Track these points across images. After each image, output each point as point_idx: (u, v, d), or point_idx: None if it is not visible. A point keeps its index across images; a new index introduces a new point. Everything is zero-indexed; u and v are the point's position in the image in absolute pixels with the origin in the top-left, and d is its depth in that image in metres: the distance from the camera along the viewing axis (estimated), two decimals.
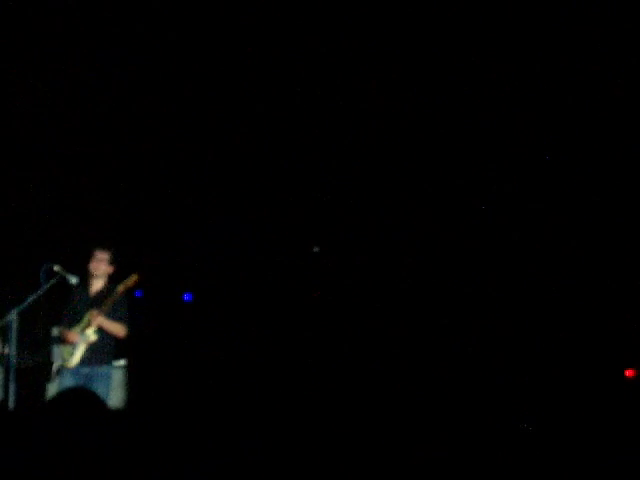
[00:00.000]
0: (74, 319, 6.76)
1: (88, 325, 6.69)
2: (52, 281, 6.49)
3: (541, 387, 7.33)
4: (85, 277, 6.85)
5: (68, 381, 6.54)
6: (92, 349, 6.71)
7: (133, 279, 6.86)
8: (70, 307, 6.86)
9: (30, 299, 6.20)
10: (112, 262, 6.90)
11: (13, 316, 5.94)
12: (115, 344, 6.84)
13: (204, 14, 7.19)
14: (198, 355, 8.26)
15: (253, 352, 8.22)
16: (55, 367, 6.80)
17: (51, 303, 7.04)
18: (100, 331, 6.71)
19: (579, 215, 7.99)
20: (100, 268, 6.85)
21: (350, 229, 8.68)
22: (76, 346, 6.67)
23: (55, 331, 6.94)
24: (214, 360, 8.19)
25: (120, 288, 6.79)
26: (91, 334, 6.71)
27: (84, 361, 6.66)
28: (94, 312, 6.66)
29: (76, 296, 6.87)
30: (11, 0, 6.87)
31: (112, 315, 6.76)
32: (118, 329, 6.75)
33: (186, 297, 8.38)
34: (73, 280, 6.65)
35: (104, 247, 6.89)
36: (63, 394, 3.16)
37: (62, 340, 6.76)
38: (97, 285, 6.92)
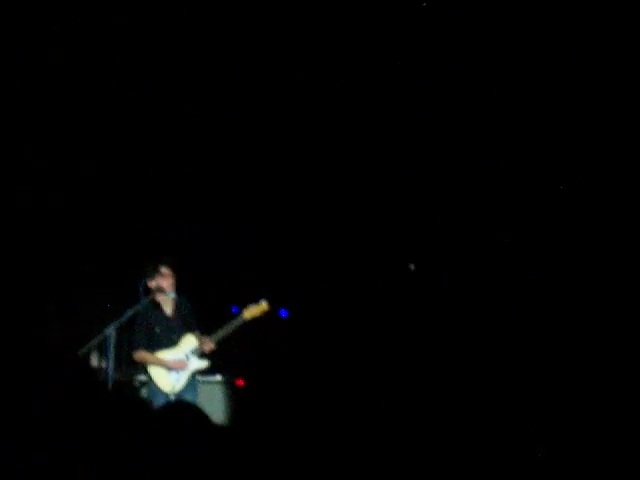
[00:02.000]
0: (161, 343, 6.60)
1: (196, 350, 6.55)
2: (150, 296, 6.50)
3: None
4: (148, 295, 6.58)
5: (162, 401, 6.29)
6: (194, 372, 6.65)
7: (262, 308, 6.61)
8: (145, 330, 6.60)
9: (128, 314, 6.21)
10: (176, 275, 6.65)
11: (111, 331, 5.95)
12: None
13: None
14: (297, 370, 8.21)
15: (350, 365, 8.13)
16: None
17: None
18: (205, 355, 6.61)
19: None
20: (171, 284, 6.60)
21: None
22: (181, 372, 6.55)
23: (141, 355, 6.68)
24: (313, 374, 8.12)
25: (246, 315, 6.57)
26: (202, 360, 6.61)
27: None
28: (207, 340, 6.52)
29: (148, 317, 6.61)
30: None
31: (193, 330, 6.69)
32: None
33: (282, 313, 8.30)
34: (172, 295, 6.63)
35: (166, 262, 6.64)
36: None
37: (157, 364, 6.55)
38: (169, 302, 6.73)
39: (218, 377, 7.36)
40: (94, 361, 7.87)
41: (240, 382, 7.47)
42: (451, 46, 7.31)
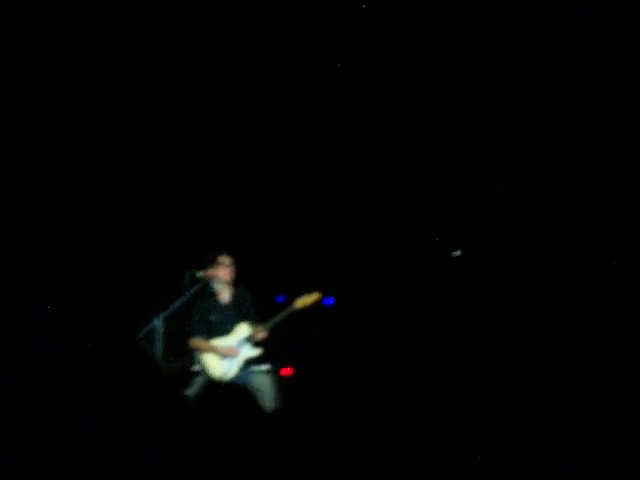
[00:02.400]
0: (215, 330, 6.66)
1: (250, 338, 6.62)
2: (196, 287, 6.56)
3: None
4: (206, 284, 6.71)
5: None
6: (247, 360, 6.69)
7: (314, 298, 6.65)
8: (201, 317, 6.68)
9: (175, 305, 6.27)
10: (235, 265, 6.73)
11: (159, 322, 6.03)
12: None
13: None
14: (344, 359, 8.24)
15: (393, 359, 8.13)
16: (201, 379, 6.72)
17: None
18: (258, 344, 6.66)
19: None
20: (229, 274, 6.69)
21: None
22: (233, 360, 6.61)
23: (195, 342, 6.75)
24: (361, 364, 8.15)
25: (298, 304, 6.62)
26: (255, 348, 6.67)
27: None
28: (259, 328, 6.59)
29: (205, 305, 6.71)
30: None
31: (249, 319, 6.75)
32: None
33: (328, 301, 8.32)
34: (216, 283, 6.67)
35: (226, 252, 6.74)
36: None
37: (209, 351, 6.64)
38: (225, 291, 6.78)
39: (265, 366, 7.42)
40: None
41: (287, 371, 7.52)
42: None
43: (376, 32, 7.22)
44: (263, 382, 6.88)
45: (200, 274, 6.52)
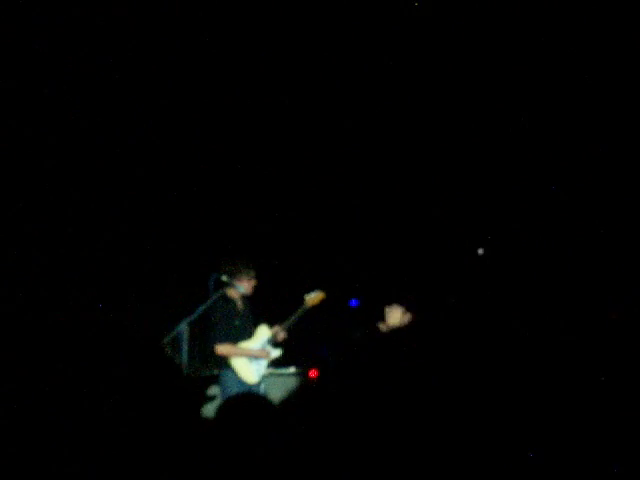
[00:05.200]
0: (240, 335, 6.71)
1: (270, 339, 6.73)
2: (220, 291, 6.51)
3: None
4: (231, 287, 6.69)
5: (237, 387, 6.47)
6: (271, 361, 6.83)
7: (320, 297, 6.77)
8: (229, 323, 6.71)
9: (200, 309, 6.22)
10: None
11: (184, 326, 5.97)
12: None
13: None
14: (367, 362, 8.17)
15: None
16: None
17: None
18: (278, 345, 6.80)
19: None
20: (252, 287, 6.72)
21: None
22: (261, 361, 6.70)
23: (226, 348, 6.74)
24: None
25: (308, 303, 6.74)
26: (277, 349, 6.79)
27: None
28: (278, 329, 6.72)
29: (229, 311, 6.74)
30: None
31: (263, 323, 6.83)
32: None
33: (353, 303, 8.27)
34: (241, 290, 6.64)
35: (253, 264, 6.76)
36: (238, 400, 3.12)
37: (241, 355, 6.68)
38: (239, 297, 6.82)
39: (292, 369, 7.39)
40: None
41: (313, 374, 7.52)
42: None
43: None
44: (287, 386, 6.90)
45: (225, 277, 6.48)
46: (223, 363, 6.66)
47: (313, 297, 6.74)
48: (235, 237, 8.24)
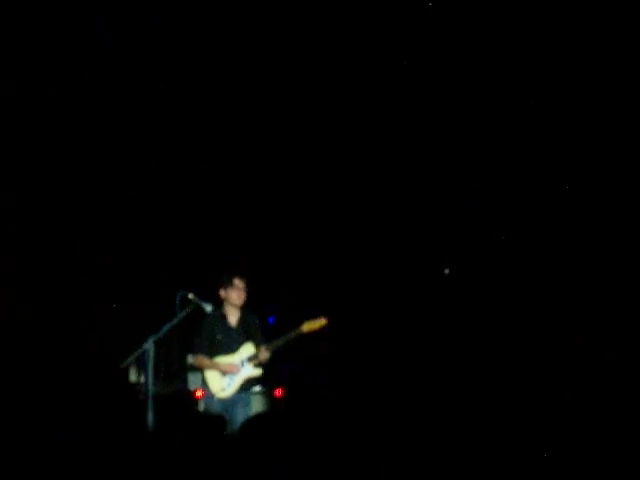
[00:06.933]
0: (221, 349, 6.74)
1: (253, 358, 6.70)
2: (187, 309, 6.48)
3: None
4: (218, 305, 6.79)
5: (215, 406, 6.59)
6: (247, 379, 6.77)
7: (321, 323, 6.69)
8: (208, 336, 6.79)
9: (166, 328, 6.20)
10: (248, 289, 6.85)
11: (150, 345, 5.94)
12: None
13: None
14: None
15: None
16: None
17: (185, 331, 7.05)
18: (260, 364, 6.76)
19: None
20: (242, 297, 6.83)
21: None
22: (234, 377, 6.68)
23: (191, 359, 6.89)
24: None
25: (304, 329, 6.68)
26: (256, 369, 6.74)
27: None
28: (263, 349, 6.68)
29: (212, 325, 6.80)
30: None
31: (254, 341, 6.78)
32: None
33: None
34: (208, 308, 6.61)
35: (242, 275, 6.85)
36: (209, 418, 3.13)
37: (212, 368, 6.71)
38: (235, 313, 6.90)
39: (257, 388, 7.38)
40: (132, 376, 7.89)
41: (279, 392, 7.53)
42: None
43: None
44: (253, 404, 6.88)
45: (191, 296, 6.46)
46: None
47: (311, 324, 6.68)
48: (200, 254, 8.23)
